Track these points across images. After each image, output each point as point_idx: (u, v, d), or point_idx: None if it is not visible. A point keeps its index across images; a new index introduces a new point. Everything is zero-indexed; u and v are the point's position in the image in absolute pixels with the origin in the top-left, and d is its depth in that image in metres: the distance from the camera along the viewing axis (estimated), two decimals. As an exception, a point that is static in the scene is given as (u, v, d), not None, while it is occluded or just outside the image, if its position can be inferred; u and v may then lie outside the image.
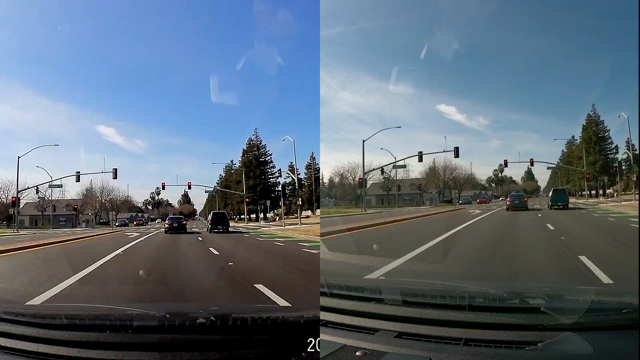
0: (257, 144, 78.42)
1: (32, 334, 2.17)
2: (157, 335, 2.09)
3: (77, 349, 2.06)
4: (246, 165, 74.43)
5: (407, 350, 2.01)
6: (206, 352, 2.00)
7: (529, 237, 15.19)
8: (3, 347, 2.15)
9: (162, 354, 1.99)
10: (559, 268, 8.57)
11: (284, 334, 2.18)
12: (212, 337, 2.10)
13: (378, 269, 8.31)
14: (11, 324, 2.25)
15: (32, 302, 6.44)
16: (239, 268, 11.71)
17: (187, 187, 66.07)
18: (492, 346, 1.97)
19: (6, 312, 2.40)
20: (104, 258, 13.75)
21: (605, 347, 1.84)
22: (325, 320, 2.36)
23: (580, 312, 2.10)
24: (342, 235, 17.14)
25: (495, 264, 9.31)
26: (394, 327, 2.23)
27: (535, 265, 9.09)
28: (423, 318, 2.22)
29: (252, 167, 74.65)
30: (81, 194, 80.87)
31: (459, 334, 2.08)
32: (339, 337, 2.19)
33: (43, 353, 2.08)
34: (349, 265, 9.28)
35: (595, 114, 75.68)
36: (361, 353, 2.02)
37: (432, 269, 8.79)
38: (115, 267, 11.99)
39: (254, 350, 2.03)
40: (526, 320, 2.07)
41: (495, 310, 2.21)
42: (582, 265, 8.23)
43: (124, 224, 70.76)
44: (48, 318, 2.34)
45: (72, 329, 2.17)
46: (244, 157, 77.87)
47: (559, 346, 1.90)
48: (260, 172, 75.71)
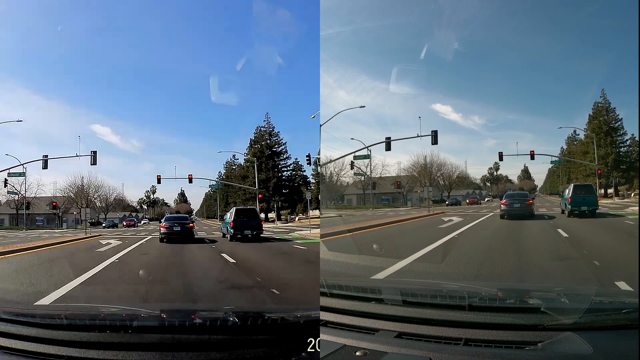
0: (268, 131, 64.94)
1: (32, 334, 2.17)
2: (157, 335, 2.09)
3: (77, 349, 2.07)
4: (256, 156, 60.26)
5: (407, 350, 2.01)
6: (206, 352, 2.00)
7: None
8: (3, 347, 2.15)
9: (162, 354, 1.99)
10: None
11: (284, 334, 2.18)
12: (212, 337, 2.09)
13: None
14: (11, 324, 2.26)
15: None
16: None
17: (187, 180, 43.33)
18: (492, 346, 1.97)
19: (6, 312, 2.40)
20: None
21: (605, 347, 1.84)
22: (325, 320, 2.36)
23: (580, 312, 2.09)
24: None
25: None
26: (394, 327, 2.23)
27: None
28: (423, 318, 2.22)
29: (263, 158, 61.53)
30: (65, 190, 72.16)
31: (459, 334, 2.08)
32: (339, 337, 2.18)
33: (43, 353, 2.08)
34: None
35: (605, 100, 63.00)
36: (361, 353, 2.02)
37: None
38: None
39: (254, 350, 2.03)
40: (526, 320, 2.07)
41: (495, 310, 2.21)
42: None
43: (111, 224, 62.67)
44: (48, 318, 2.34)
45: (72, 329, 2.17)
46: (252, 147, 64.31)
47: (559, 346, 1.89)
48: (273, 164, 62.81)
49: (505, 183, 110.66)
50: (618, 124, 62.05)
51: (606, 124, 61.48)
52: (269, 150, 63.17)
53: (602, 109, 62.96)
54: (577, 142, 72.72)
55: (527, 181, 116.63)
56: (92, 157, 37.89)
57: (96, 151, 38.16)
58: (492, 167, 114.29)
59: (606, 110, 62.75)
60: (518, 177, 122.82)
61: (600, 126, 61.03)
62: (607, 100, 62.65)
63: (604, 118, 62.03)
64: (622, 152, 61.65)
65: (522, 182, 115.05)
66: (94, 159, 37.88)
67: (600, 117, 62.18)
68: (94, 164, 37.90)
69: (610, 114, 62.36)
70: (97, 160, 38.16)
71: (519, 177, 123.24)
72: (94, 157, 37.90)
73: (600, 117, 62.18)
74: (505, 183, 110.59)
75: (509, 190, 44.25)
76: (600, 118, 62.11)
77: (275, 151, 64.11)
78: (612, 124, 61.71)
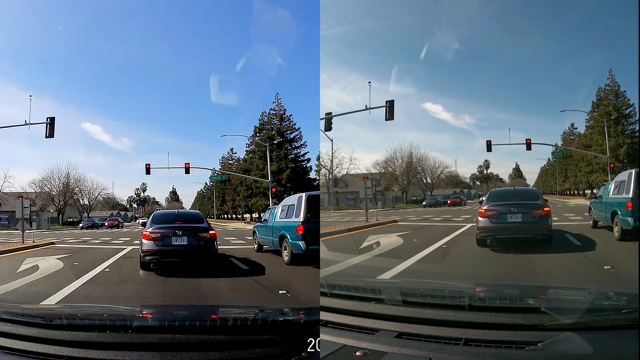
0: (279, 114, 53.05)
1: (32, 334, 2.17)
2: (157, 335, 2.09)
3: (77, 349, 2.07)
4: (261, 145, 50.26)
5: (407, 350, 2.01)
6: (206, 352, 2.01)
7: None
8: (3, 347, 2.15)
9: (162, 354, 2.00)
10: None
11: (284, 334, 2.18)
12: (212, 337, 2.09)
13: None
14: (11, 324, 2.26)
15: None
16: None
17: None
18: (492, 346, 1.97)
19: (6, 312, 2.40)
20: None
21: (605, 347, 1.84)
22: (325, 320, 2.36)
23: (580, 312, 2.09)
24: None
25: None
26: (394, 327, 2.23)
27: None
28: (423, 318, 2.22)
29: (273, 146, 49.60)
30: (39, 184, 61.59)
31: (459, 334, 2.08)
32: (339, 337, 2.19)
33: (43, 353, 2.08)
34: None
35: (614, 82, 51.33)
36: (361, 353, 2.02)
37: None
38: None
39: (254, 351, 2.04)
40: (526, 320, 2.07)
41: (495, 310, 2.20)
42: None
43: (90, 224, 52.09)
44: (48, 318, 2.34)
45: (72, 329, 2.18)
46: (259, 135, 53.14)
47: (559, 346, 1.89)
48: (285, 152, 51.06)
49: (495, 182, 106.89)
50: (630, 109, 50.74)
51: (616, 109, 50.42)
52: (280, 137, 51.61)
53: (611, 91, 51.72)
54: (576, 136, 65.48)
55: (519, 180, 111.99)
56: (48, 127, 26.38)
57: (54, 117, 26.54)
58: (481, 165, 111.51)
59: (615, 93, 51.43)
60: (509, 176, 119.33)
61: (608, 112, 49.71)
62: (616, 82, 51.49)
63: (612, 103, 50.84)
64: (636, 143, 48.66)
65: (513, 181, 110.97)
66: (50, 129, 26.39)
67: (607, 102, 51.31)
68: (50, 136, 26.58)
69: (619, 98, 51.20)
70: (54, 132, 26.58)
71: (510, 175, 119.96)
72: (50, 127, 26.36)
73: (607, 102, 51.31)
74: (496, 182, 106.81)
75: (499, 187, 30.44)
76: (608, 104, 51.08)
77: (288, 138, 52.41)
78: (623, 110, 50.83)
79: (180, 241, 10.17)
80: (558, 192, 79.80)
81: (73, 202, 66.90)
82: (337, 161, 59.50)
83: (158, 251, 10.04)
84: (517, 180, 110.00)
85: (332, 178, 57.55)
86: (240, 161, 61.76)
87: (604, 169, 46.41)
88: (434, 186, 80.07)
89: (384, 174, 71.39)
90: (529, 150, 36.56)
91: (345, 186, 65.38)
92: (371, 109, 26.54)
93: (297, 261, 10.81)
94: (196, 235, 10.33)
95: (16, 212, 22.30)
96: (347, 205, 62.09)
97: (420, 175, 77.55)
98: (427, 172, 78.14)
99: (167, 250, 10.08)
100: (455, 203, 54.92)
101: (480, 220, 10.88)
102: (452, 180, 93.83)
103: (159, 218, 11.36)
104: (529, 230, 10.41)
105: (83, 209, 71.58)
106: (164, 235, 10.14)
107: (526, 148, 35.90)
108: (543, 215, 10.40)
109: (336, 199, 61.22)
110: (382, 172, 70.92)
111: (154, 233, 10.17)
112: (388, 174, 71.80)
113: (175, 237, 10.16)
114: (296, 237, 10.91)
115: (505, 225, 10.45)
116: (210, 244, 10.47)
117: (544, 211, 10.46)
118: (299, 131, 52.71)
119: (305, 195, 11.47)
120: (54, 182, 62.90)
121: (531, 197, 11.44)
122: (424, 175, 78.57)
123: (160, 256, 10.08)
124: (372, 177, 55.43)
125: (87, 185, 69.79)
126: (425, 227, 19.72)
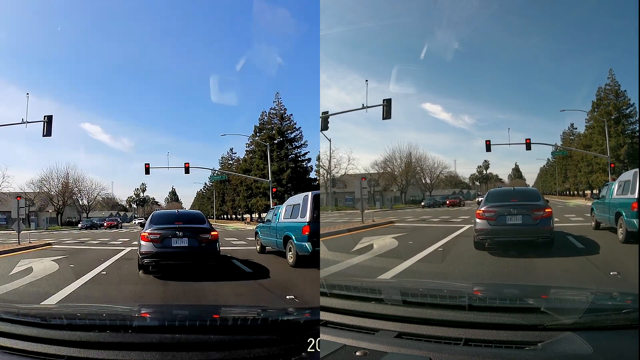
0: (279, 113, 52.95)
1: (32, 334, 2.17)
2: (157, 335, 2.09)
3: (77, 349, 2.07)
4: (261, 145, 50.56)
5: (407, 350, 2.01)
6: (206, 352, 2.01)
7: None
8: (3, 347, 2.15)
9: (162, 353, 2.00)
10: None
11: (284, 334, 2.18)
12: (212, 337, 2.09)
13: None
14: (11, 323, 2.26)
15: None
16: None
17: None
18: (492, 346, 1.97)
19: (6, 312, 2.40)
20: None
21: (605, 347, 1.84)
22: (325, 320, 2.36)
23: (580, 312, 2.09)
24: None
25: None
26: (394, 327, 2.23)
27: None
28: (423, 318, 2.22)
29: (273, 145, 50.00)
30: (37, 184, 60.69)
31: (459, 334, 2.08)
32: (339, 337, 2.19)
33: (43, 353, 2.08)
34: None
35: (614, 81, 51.58)
36: (361, 353, 2.02)
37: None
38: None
39: (254, 350, 2.04)
40: (526, 320, 2.07)
41: (495, 310, 2.20)
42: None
43: (89, 225, 51.62)
44: (48, 318, 2.34)
45: (72, 329, 2.17)
46: (259, 135, 53.12)
47: (559, 346, 1.89)
48: (285, 152, 51.29)
49: (495, 182, 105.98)
50: (630, 109, 50.72)
51: (616, 108, 50.39)
52: (280, 136, 51.47)
53: (611, 91, 51.72)
54: (576, 136, 65.33)
55: (519, 180, 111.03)
56: (45, 125, 26.24)
57: (51, 116, 26.42)
58: (481, 166, 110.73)
59: (616, 93, 51.34)
60: (509, 176, 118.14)
61: (608, 112, 49.92)
62: (616, 81, 51.53)
63: (612, 103, 50.83)
64: (636, 143, 48.81)
65: (513, 182, 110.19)
66: (47, 127, 26.24)
67: (607, 101, 51.47)
68: (47, 135, 26.51)
69: (620, 98, 51.21)
70: (51, 131, 26.51)
71: (509, 176, 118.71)
72: (47, 125, 26.22)
73: (607, 101, 51.47)
74: (495, 182, 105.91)
75: (498, 186, 30.22)
76: (608, 103, 51.15)
77: (288, 137, 52.42)
78: (623, 109, 50.77)
79: (181, 243, 9.70)
80: (558, 193, 79.73)
81: (72, 202, 66.35)
82: (335, 161, 59.33)
83: (157, 253, 9.55)
84: (516, 180, 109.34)
85: (331, 178, 57.12)
86: (240, 161, 61.51)
87: (604, 169, 46.50)
88: (433, 186, 79.95)
89: (383, 174, 71.00)
90: (529, 150, 36.79)
91: (343, 186, 64.95)
92: (368, 107, 26.35)
93: (302, 263, 10.40)
94: (197, 237, 9.85)
95: (12, 212, 21.69)
96: (345, 206, 61.40)
97: (419, 176, 77.28)
98: (426, 172, 78.26)
99: (166, 252, 9.58)
100: (454, 203, 54.59)
101: (478, 222, 10.39)
102: (452, 180, 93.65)
103: (158, 218, 10.93)
104: (529, 233, 9.97)
105: (82, 209, 71.01)
106: (164, 236, 9.68)
107: (526, 148, 35.81)
108: (544, 217, 9.98)
109: (335, 199, 60.96)
110: (380, 173, 70.52)
111: (153, 234, 9.70)
112: (387, 174, 71.50)
113: (175, 239, 9.69)
114: (302, 238, 10.49)
115: (504, 227, 10.02)
116: (212, 245, 10.02)
117: (545, 212, 10.02)
118: (299, 131, 52.57)
119: (312, 195, 11.01)
120: (53, 182, 62.31)
121: (532, 197, 10.97)
122: (423, 176, 78.54)
123: (159, 258, 9.56)
124: (370, 177, 57.09)
125: (86, 186, 69.13)
126: (422, 229, 19.32)
